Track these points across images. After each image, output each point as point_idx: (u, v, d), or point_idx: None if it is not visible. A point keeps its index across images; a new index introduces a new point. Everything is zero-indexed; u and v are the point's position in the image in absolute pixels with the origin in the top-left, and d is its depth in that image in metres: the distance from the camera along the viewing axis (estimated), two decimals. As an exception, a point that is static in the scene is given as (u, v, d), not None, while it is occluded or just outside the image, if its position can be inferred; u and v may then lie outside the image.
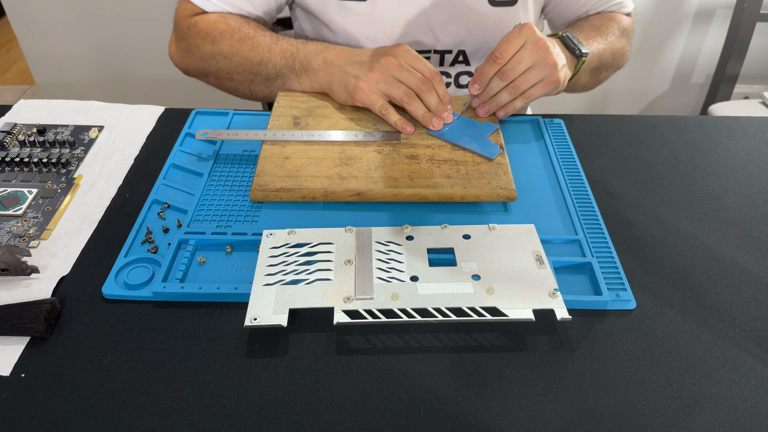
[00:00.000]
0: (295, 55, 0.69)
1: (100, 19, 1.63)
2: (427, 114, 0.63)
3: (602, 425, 0.40)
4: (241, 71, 0.72)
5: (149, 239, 0.53)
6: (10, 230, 0.54)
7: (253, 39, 0.71)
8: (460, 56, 0.80)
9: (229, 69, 0.73)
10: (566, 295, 0.47)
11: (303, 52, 0.69)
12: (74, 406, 0.41)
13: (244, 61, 0.71)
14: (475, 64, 0.81)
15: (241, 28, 0.73)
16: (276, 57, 0.70)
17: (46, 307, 0.45)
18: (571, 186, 0.60)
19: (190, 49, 0.75)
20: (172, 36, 0.78)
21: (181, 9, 0.77)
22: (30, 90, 2.19)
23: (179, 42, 0.77)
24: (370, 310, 0.44)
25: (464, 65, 0.81)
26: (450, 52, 0.80)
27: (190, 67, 0.77)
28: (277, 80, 0.71)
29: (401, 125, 0.63)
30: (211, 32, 0.73)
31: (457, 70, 0.81)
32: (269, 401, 0.41)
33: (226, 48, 0.72)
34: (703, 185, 0.62)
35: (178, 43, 0.77)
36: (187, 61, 0.76)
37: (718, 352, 0.45)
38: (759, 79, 1.83)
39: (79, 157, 0.64)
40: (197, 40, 0.74)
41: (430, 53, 0.80)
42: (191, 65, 0.76)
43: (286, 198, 0.56)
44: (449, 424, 0.40)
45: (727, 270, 0.52)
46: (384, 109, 0.63)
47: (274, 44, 0.71)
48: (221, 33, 0.73)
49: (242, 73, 0.73)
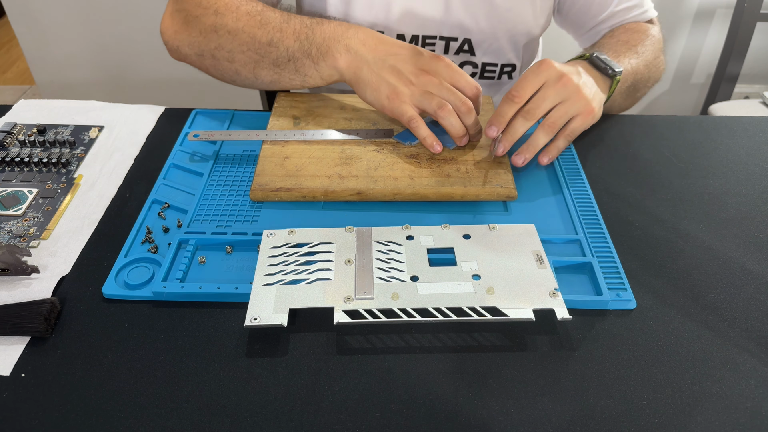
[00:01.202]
0: (311, 38, 0.62)
1: (100, 19, 1.63)
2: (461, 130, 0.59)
3: (602, 425, 0.40)
4: (245, 50, 0.64)
5: (149, 239, 0.53)
6: (10, 230, 0.54)
7: (262, 14, 0.64)
8: (465, 45, 0.79)
9: (231, 47, 0.64)
10: (566, 295, 0.47)
11: (319, 34, 0.62)
12: (74, 406, 0.41)
13: (250, 38, 0.63)
14: (479, 54, 0.79)
15: (249, 1, 0.66)
16: (288, 38, 0.62)
17: (46, 307, 0.45)
18: (571, 186, 0.60)
19: (188, 21, 0.66)
20: (167, 8, 0.70)
21: None
22: (30, 90, 2.19)
23: (176, 13, 0.68)
24: (371, 309, 0.44)
25: (469, 54, 0.79)
26: (455, 39, 0.78)
27: (184, 44, 0.67)
28: (289, 65, 0.63)
29: (430, 142, 0.59)
30: (214, 3, 0.65)
31: (461, 60, 0.80)
32: (269, 401, 0.41)
33: (230, 22, 0.64)
34: (704, 185, 0.62)
35: (173, 15, 0.68)
36: (182, 36, 0.67)
37: (719, 352, 0.45)
38: (759, 78, 1.83)
39: (80, 157, 0.64)
40: (199, 10, 0.66)
41: (436, 39, 0.78)
42: (186, 41, 0.67)
43: (286, 198, 0.56)
44: (449, 424, 0.40)
45: (727, 270, 0.52)
46: (414, 121, 0.59)
47: (286, 23, 0.63)
48: (226, 4, 0.65)
49: (246, 53, 0.64)
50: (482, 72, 0.81)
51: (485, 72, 0.81)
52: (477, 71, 0.81)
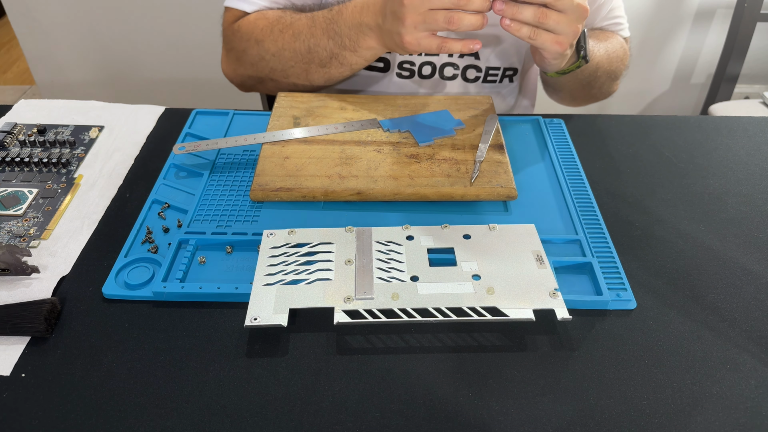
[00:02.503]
0: (338, 31, 0.65)
1: (101, 19, 1.63)
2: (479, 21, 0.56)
3: (602, 425, 0.40)
4: (293, 65, 0.69)
5: (149, 239, 0.53)
6: (10, 230, 0.54)
7: (292, 26, 0.67)
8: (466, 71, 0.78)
9: (282, 66, 0.69)
10: (566, 295, 0.47)
11: (343, 24, 0.64)
12: (74, 406, 0.41)
13: (292, 53, 0.68)
14: (484, 58, 0.79)
15: (279, 19, 0.69)
16: (322, 39, 0.66)
17: (46, 307, 0.45)
18: (571, 186, 0.60)
19: (239, 56, 0.72)
20: (222, 50, 0.76)
21: (226, 18, 0.75)
22: (30, 90, 2.19)
23: (229, 53, 0.74)
24: (371, 309, 0.44)
25: (473, 58, 0.79)
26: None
27: (245, 77, 0.74)
28: (333, 62, 0.67)
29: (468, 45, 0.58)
30: (252, 31, 0.70)
31: (466, 63, 0.79)
32: (269, 401, 0.41)
33: (271, 45, 0.69)
34: (704, 185, 0.62)
35: (228, 55, 0.75)
36: (241, 71, 0.74)
37: (719, 352, 0.45)
38: (759, 79, 1.83)
39: (80, 157, 0.64)
40: (243, 44, 0.71)
41: None
42: (245, 74, 0.74)
43: (286, 198, 0.56)
44: (449, 424, 0.40)
45: (727, 270, 0.52)
46: (442, 48, 0.58)
47: (314, 26, 0.66)
48: (262, 30, 0.69)
49: (295, 67, 0.69)
50: (486, 75, 0.81)
51: (488, 76, 0.81)
52: (481, 75, 0.81)
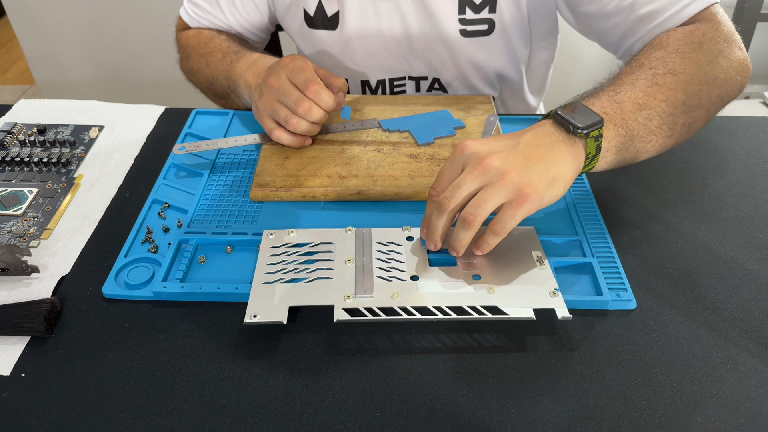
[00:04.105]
0: (230, 76, 0.68)
1: (100, 19, 1.63)
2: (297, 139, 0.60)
3: (602, 425, 0.40)
4: (204, 87, 0.75)
5: (149, 239, 0.53)
6: (10, 230, 0.54)
7: (210, 55, 0.72)
8: (435, 83, 0.77)
9: (199, 85, 0.76)
10: (567, 295, 0.47)
11: (234, 72, 0.68)
12: (74, 406, 0.41)
13: (203, 78, 0.73)
14: (452, 91, 0.78)
15: (208, 42, 0.73)
16: (221, 76, 0.70)
17: (46, 307, 0.45)
18: (571, 186, 0.59)
19: (180, 63, 0.79)
20: None
21: (177, 24, 0.80)
22: (30, 90, 2.19)
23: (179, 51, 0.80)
24: (371, 307, 0.44)
25: (441, 92, 0.78)
26: (425, 78, 0.77)
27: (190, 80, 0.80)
28: (228, 98, 0.72)
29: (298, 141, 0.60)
30: (185, 47, 0.76)
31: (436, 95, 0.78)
32: (269, 401, 0.41)
33: (194, 64, 0.74)
34: (704, 185, 0.62)
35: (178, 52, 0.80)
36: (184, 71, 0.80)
37: (719, 352, 0.45)
38: (759, 79, 1.83)
39: (80, 156, 0.64)
40: (180, 54, 0.78)
41: (405, 79, 0.77)
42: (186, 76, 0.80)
43: (286, 197, 0.56)
44: (449, 424, 0.40)
45: (727, 270, 0.52)
46: (273, 134, 0.60)
47: (220, 62, 0.70)
48: (193, 48, 0.75)
49: (204, 90, 0.76)
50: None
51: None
52: None
